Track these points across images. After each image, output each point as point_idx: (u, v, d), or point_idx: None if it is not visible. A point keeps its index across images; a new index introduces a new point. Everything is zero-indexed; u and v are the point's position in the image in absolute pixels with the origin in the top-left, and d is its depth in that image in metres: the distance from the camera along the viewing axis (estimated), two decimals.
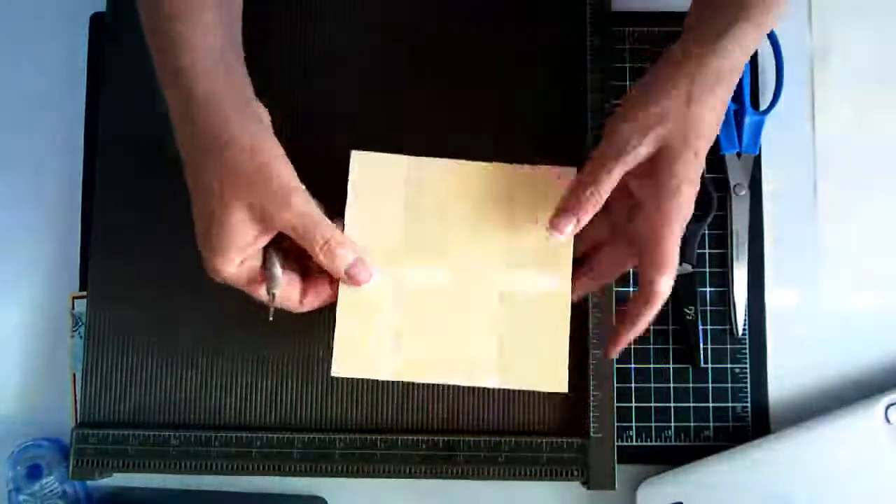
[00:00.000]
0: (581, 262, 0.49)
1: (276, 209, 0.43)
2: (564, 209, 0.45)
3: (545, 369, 0.47)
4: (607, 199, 0.44)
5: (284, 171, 0.44)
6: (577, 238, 0.47)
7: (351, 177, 0.47)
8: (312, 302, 0.48)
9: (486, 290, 0.47)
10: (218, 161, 0.43)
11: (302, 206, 0.43)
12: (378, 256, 0.47)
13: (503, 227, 0.47)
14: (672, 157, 0.43)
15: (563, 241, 0.46)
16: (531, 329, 0.47)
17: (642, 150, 0.43)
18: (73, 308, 0.57)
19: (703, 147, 0.43)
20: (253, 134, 0.44)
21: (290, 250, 0.46)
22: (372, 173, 0.47)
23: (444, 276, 0.47)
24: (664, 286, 0.44)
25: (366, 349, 0.47)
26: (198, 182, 0.44)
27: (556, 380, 0.47)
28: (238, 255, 0.44)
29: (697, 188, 0.44)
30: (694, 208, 0.57)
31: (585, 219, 0.45)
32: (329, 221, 0.45)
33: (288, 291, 0.47)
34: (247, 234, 0.44)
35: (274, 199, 0.43)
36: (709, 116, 0.43)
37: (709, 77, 0.42)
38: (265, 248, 0.46)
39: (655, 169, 0.43)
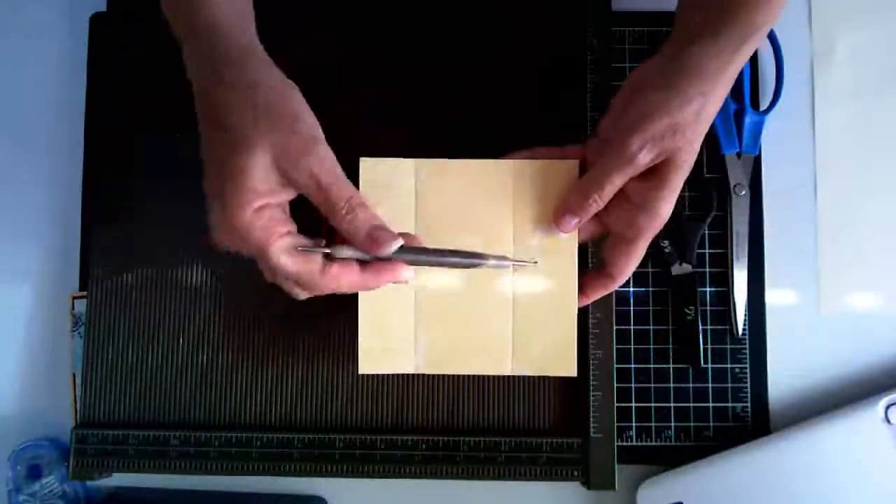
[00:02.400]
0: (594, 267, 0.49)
1: (302, 154, 0.40)
2: (568, 210, 0.46)
3: (556, 355, 0.48)
4: None
5: (313, 122, 0.41)
6: None
7: (361, 183, 0.47)
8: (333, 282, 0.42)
9: (497, 283, 0.48)
10: (246, 97, 0.40)
11: (329, 158, 0.40)
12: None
13: (510, 220, 0.48)
14: (674, 167, 0.43)
15: (567, 236, 0.47)
16: (541, 318, 0.48)
17: (647, 162, 0.43)
18: (73, 308, 0.57)
19: (696, 154, 0.44)
20: (283, 80, 0.41)
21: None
22: (381, 178, 0.47)
23: (457, 271, 0.48)
24: (628, 276, 0.47)
25: (389, 347, 0.48)
26: (217, 122, 0.41)
27: (566, 365, 0.48)
28: (257, 200, 0.40)
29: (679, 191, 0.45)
30: (692, 208, 0.57)
31: (587, 218, 0.46)
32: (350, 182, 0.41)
33: (309, 265, 0.41)
34: (267, 179, 0.40)
35: (301, 143, 0.40)
36: (707, 126, 0.43)
37: (720, 94, 0.43)
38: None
39: (654, 175, 0.44)
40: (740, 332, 0.56)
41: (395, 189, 0.48)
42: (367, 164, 0.47)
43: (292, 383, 0.55)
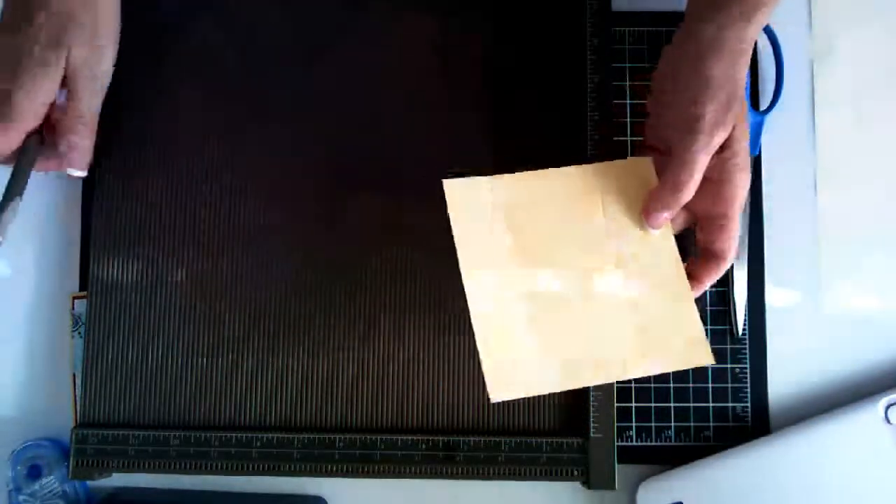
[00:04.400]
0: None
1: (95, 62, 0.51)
2: (661, 206, 0.47)
3: (688, 347, 0.47)
4: None
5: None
6: None
7: (449, 206, 0.47)
8: None
9: (604, 287, 0.48)
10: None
11: (96, 76, 0.51)
12: (497, 275, 0.47)
13: (602, 222, 0.48)
14: (740, 133, 0.45)
15: (660, 231, 0.48)
16: (661, 314, 0.47)
17: (723, 136, 0.45)
18: (73, 308, 0.57)
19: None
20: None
21: None
22: (466, 198, 0.47)
23: (563, 281, 0.47)
24: (735, 252, 0.48)
25: (515, 368, 0.46)
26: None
27: (702, 354, 0.47)
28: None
29: None
30: None
31: (678, 209, 0.47)
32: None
33: None
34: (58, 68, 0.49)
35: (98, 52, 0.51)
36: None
37: (746, 62, 0.46)
38: None
39: (727, 147, 0.45)
40: (740, 332, 0.56)
41: (480, 207, 0.48)
42: (450, 186, 0.47)
43: (292, 383, 0.55)
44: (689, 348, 0.47)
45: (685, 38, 0.47)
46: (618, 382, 0.55)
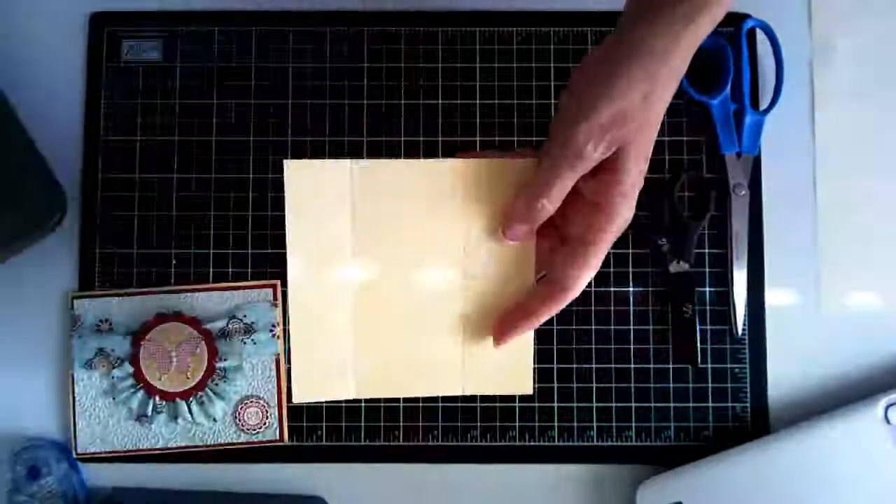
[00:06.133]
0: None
1: None
2: (516, 216, 0.42)
3: (510, 373, 0.44)
4: None
5: None
6: None
7: (287, 191, 0.41)
8: None
9: (445, 296, 0.43)
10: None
11: None
12: (328, 273, 0.43)
13: (460, 227, 0.43)
14: (628, 158, 0.39)
15: (522, 244, 0.43)
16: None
17: (598, 155, 0.39)
18: (73, 308, 0.57)
19: (652, 146, 0.40)
20: None
21: None
22: (311, 183, 0.42)
23: (401, 285, 0.43)
24: (581, 288, 0.41)
25: (326, 371, 0.43)
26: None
27: (521, 383, 0.44)
28: None
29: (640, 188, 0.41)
30: (691, 208, 0.57)
31: (537, 224, 0.42)
32: None
33: None
34: None
35: None
36: (660, 114, 0.40)
37: (670, 76, 0.39)
38: None
39: (609, 170, 0.40)
40: (740, 331, 0.56)
41: (327, 194, 0.42)
42: (292, 168, 0.41)
43: None
44: (512, 376, 0.44)
45: (612, 38, 0.40)
46: (616, 382, 0.55)
